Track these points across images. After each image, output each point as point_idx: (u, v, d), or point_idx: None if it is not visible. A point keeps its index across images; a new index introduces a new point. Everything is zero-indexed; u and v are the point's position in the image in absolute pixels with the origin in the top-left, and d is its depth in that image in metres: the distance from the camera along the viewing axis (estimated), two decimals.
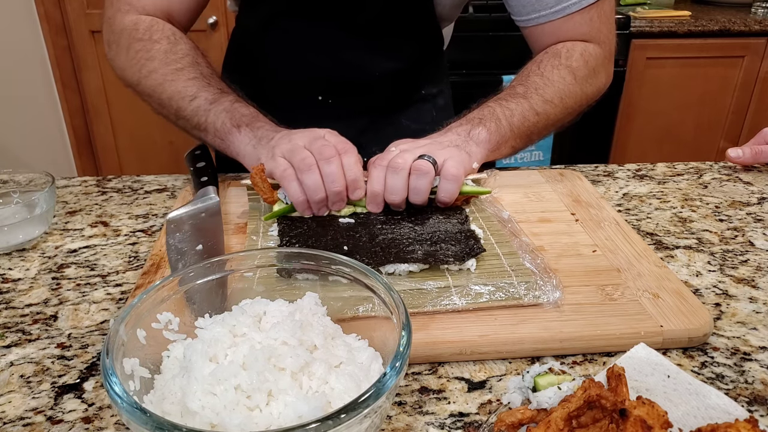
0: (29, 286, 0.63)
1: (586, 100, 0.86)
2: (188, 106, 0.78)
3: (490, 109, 0.79)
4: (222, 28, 2.25)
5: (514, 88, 0.83)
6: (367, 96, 0.95)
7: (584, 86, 0.85)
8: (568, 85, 0.83)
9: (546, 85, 0.82)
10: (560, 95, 0.82)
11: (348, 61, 0.92)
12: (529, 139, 0.82)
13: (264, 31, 0.93)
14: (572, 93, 0.83)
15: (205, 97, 0.78)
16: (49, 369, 0.51)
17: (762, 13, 2.26)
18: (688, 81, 2.23)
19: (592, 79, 0.86)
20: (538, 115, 0.80)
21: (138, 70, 0.81)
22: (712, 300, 0.60)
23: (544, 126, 0.82)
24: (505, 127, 0.78)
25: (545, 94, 0.81)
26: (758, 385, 0.49)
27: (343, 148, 0.68)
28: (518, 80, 0.84)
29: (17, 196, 0.73)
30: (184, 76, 0.79)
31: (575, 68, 0.83)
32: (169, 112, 0.81)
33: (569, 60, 0.83)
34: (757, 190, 0.85)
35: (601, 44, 0.86)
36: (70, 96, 2.32)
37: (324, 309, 0.47)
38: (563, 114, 0.84)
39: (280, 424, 0.36)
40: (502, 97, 0.82)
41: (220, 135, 0.77)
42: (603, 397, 0.38)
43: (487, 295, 0.56)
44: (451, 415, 0.46)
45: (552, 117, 0.82)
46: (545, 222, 0.72)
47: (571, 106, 0.84)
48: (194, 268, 0.47)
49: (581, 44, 0.85)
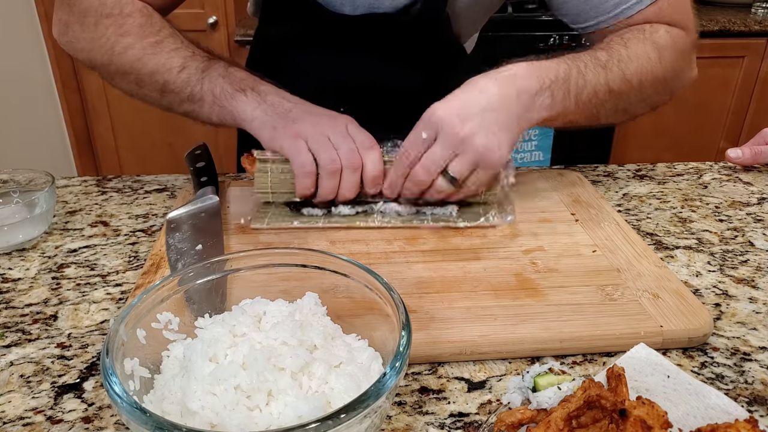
0: (29, 285, 0.63)
1: (664, 90, 0.76)
2: (177, 78, 0.72)
3: (566, 72, 0.68)
4: (222, 28, 2.25)
5: (596, 53, 0.72)
6: (389, 108, 0.94)
7: (668, 72, 0.74)
8: (652, 64, 0.72)
9: (630, 58, 0.71)
10: (640, 76, 0.72)
11: (366, 78, 0.91)
12: (594, 117, 0.73)
13: (284, 46, 0.93)
14: (654, 76, 0.73)
15: (196, 66, 0.72)
16: (49, 369, 0.51)
17: (762, 13, 2.26)
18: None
19: (678, 65, 0.76)
20: (611, 93, 0.71)
21: (110, 48, 0.73)
22: (712, 300, 0.60)
23: (612, 108, 0.73)
24: (571, 99, 0.68)
25: (627, 69, 0.71)
26: (758, 385, 0.49)
27: (369, 144, 0.69)
28: (602, 44, 0.74)
29: (17, 195, 0.73)
30: (166, 48, 0.73)
31: (662, 46, 0.73)
32: (152, 89, 0.74)
33: (654, 35, 0.73)
34: (757, 190, 0.85)
35: (687, 30, 0.76)
36: (70, 96, 2.32)
37: (324, 309, 0.47)
38: (636, 99, 0.74)
39: (280, 424, 0.36)
40: (582, 60, 0.70)
41: (220, 101, 0.71)
42: (603, 397, 0.38)
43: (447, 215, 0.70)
44: (451, 415, 0.46)
45: (624, 100, 0.73)
46: (545, 222, 0.72)
47: (648, 94, 0.75)
48: (194, 268, 0.47)
49: (664, 26, 0.75)
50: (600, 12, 0.77)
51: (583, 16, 0.78)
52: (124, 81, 0.76)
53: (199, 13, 2.21)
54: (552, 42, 2.07)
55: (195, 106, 0.73)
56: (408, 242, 0.68)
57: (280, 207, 0.73)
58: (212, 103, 0.72)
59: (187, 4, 0.97)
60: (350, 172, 0.67)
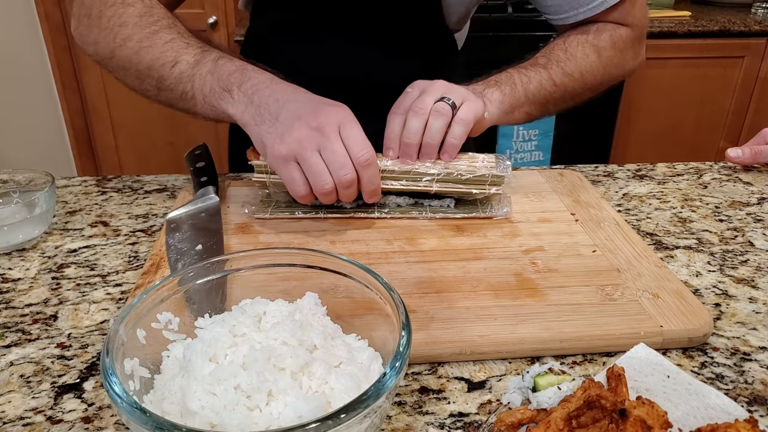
0: (29, 285, 0.63)
1: (609, 79, 0.87)
2: (170, 74, 0.69)
3: (507, 74, 0.82)
4: (222, 28, 2.25)
5: (536, 59, 0.85)
6: (380, 99, 0.95)
7: (608, 66, 0.86)
8: (591, 63, 0.84)
9: (568, 59, 0.83)
10: (581, 70, 0.84)
11: (359, 68, 0.92)
12: (545, 107, 0.84)
13: (275, 37, 0.93)
14: (594, 71, 0.85)
15: (187, 60, 0.69)
16: (49, 369, 0.51)
17: (762, 13, 2.26)
18: (688, 81, 2.23)
19: (618, 60, 0.87)
20: (556, 86, 0.82)
21: (112, 40, 0.72)
22: (711, 300, 0.60)
23: (560, 97, 0.84)
24: (519, 92, 0.80)
25: (566, 67, 0.83)
26: (758, 385, 0.49)
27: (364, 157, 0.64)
28: (542, 52, 0.86)
29: (17, 195, 0.73)
30: (161, 40, 0.70)
31: (601, 48, 0.84)
32: (150, 84, 0.72)
33: (596, 39, 0.85)
34: (757, 190, 0.85)
35: (632, 27, 0.87)
36: (70, 96, 2.32)
37: (324, 309, 0.47)
38: (582, 89, 0.85)
39: (280, 424, 0.36)
40: (522, 66, 0.84)
41: (210, 101, 0.68)
42: (603, 397, 0.38)
43: None
44: (451, 415, 0.46)
45: (570, 90, 0.84)
46: (545, 222, 0.72)
47: (591, 82, 0.85)
48: (194, 268, 0.47)
49: (611, 25, 0.86)
50: (579, 3, 0.85)
51: (564, 7, 0.86)
52: (127, 76, 0.75)
53: (199, 13, 2.21)
54: None
55: (189, 104, 0.71)
56: (408, 242, 0.68)
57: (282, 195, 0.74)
58: (203, 102, 0.69)
59: (187, 4, 0.97)
60: (344, 188, 0.65)
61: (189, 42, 0.71)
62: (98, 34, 0.74)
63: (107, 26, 0.72)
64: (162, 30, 0.71)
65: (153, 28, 0.71)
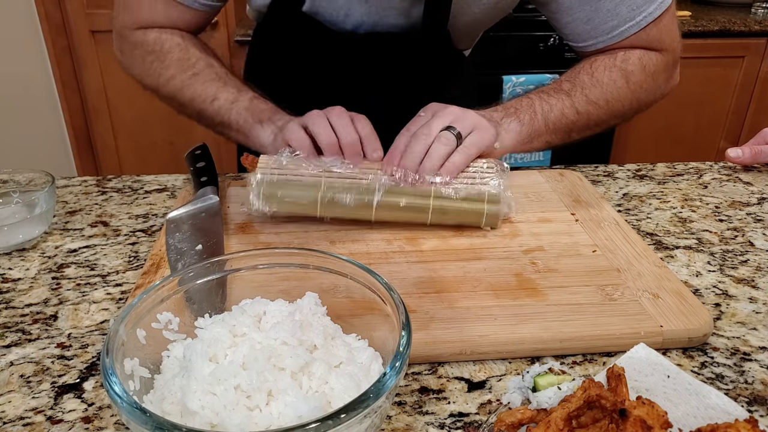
0: (29, 285, 0.63)
1: (638, 105, 0.84)
2: (210, 107, 0.82)
3: (528, 101, 0.79)
4: (222, 28, 2.25)
5: (560, 84, 0.82)
6: (389, 101, 0.95)
7: (637, 92, 0.83)
8: (618, 89, 0.81)
9: (594, 85, 0.81)
10: (606, 98, 0.81)
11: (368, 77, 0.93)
12: (567, 135, 0.81)
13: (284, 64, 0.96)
14: (621, 97, 0.82)
15: (225, 98, 0.82)
16: (49, 369, 0.51)
17: (762, 13, 2.26)
18: (688, 81, 2.22)
19: (649, 85, 0.84)
20: (579, 114, 0.80)
21: (156, 79, 0.86)
22: (711, 300, 0.60)
23: (584, 125, 0.82)
24: (539, 121, 0.78)
25: (590, 94, 0.80)
26: (758, 385, 0.49)
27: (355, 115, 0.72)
28: (567, 76, 0.83)
29: (17, 195, 0.73)
30: (201, 80, 0.83)
31: (629, 72, 0.82)
32: (192, 112, 0.86)
33: (625, 63, 0.82)
34: (757, 190, 0.85)
35: (663, 51, 0.84)
36: (70, 96, 2.32)
37: (324, 309, 0.47)
38: (608, 116, 0.83)
39: (280, 424, 0.36)
40: (545, 90, 0.81)
41: (244, 131, 0.81)
42: (603, 397, 0.38)
43: None
44: (451, 415, 0.46)
45: (594, 118, 0.81)
46: (545, 222, 0.72)
47: (619, 110, 0.83)
48: (194, 268, 0.47)
49: (639, 50, 0.83)
50: (599, 33, 0.82)
51: (584, 36, 0.84)
52: (171, 104, 0.88)
53: None
54: (552, 42, 2.08)
55: (224, 130, 0.84)
56: (408, 242, 0.68)
57: None
58: (237, 131, 0.82)
59: None
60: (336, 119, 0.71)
61: (226, 82, 0.83)
62: (143, 72, 0.87)
63: (150, 68, 0.85)
64: (201, 72, 0.84)
65: (194, 71, 0.84)
